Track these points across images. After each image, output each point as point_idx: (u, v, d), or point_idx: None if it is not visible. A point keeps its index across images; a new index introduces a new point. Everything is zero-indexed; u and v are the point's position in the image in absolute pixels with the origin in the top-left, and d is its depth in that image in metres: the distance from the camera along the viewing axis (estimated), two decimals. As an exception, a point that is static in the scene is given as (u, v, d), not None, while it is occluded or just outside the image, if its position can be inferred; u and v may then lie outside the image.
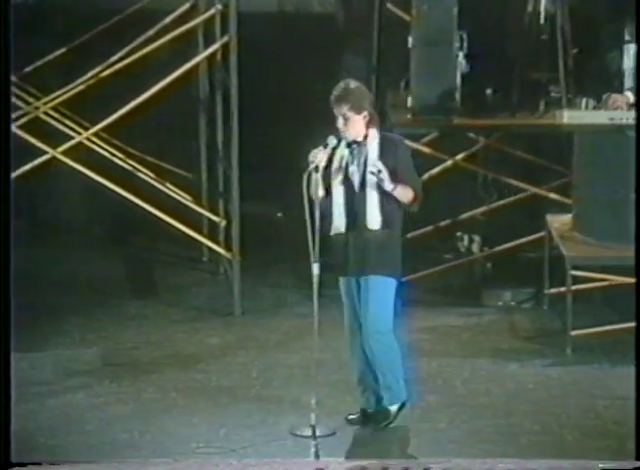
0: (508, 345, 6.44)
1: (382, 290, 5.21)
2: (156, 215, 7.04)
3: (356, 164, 5.24)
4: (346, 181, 5.23)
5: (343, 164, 5.25)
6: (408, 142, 5.57)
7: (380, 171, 5.12)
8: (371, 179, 5.17)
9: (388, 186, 5.13)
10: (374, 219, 5.20)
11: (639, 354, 4.82)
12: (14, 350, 4.43)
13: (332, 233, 5.25)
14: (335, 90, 5.25)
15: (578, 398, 5.68)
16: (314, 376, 5.21)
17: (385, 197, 5.17)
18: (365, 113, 5.21)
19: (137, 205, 7.02)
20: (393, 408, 5.32)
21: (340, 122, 5.20)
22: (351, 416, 5.33)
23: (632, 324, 6.34)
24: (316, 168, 5.20)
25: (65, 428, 5.27)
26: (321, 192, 5.21)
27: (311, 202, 5.17)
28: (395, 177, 5.15)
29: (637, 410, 4.73)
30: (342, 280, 5.30)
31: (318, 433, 5.16)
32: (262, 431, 5.24)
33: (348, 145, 5.27)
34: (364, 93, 5.26)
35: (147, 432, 5.24)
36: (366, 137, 5.25)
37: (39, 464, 4.73)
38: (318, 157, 5.21)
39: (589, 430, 5.31)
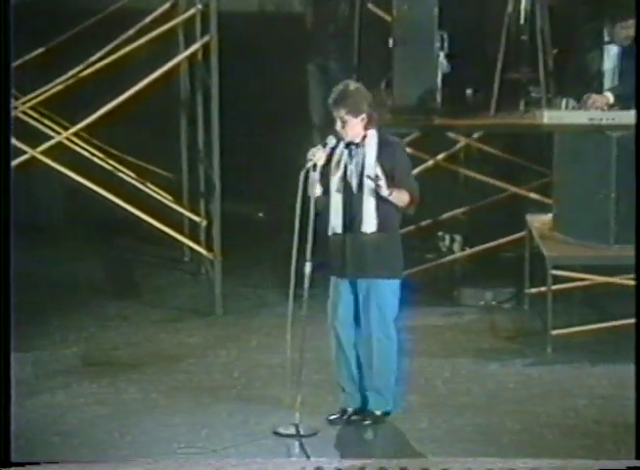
0: (489, 344, 6.45)
1: (387, 294, 5.24)
2: (136, 216, 7.03)
3: (354, 164, 5.25)
4: (344, 182, 5.24)
5: (342, 165, 5.26)
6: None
7: (377, 177, 5.12)
8: (368, 182, 5.18)
9: (385, 192, 5.14)
10: (370, 222, 5.22)
11: (639, 354, 4.83)
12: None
13: (329, 233, 5.27)
14: (333, 93, 5.26)
15: (559, 397, 5.70)
16: (298, 375, 5.21)
17: (381, 200, 5.19)
18: (363, 115, 5.21)
19: (118, 205, 7.00)
20: (378, 413, 5.32)
21: (338, 125, 5.21)
22: (332, 416, 5.33)
23: (612, 323, 6.41)
24: (314, 167, 5.20)
25: (44, 428, 5.25)
26: (318, 191, 5.22)
27: (305, 200, 5.18)
28: (392, 180, 5.17)
29: (637, 410, 4.74)
30: (333, 279, 5.31)
31: (301, 432, 5.16)
32: (244, 431, 5.23)
33: (347, 145, 5.28)
34: (363, 95, 5.25)
35: (128, 432, 5.23)
36: (364, 138, 5.25)
37: (37, 464, 4.73)
38: (317, 155, 5.21)
39: (569, 429, 5.33)
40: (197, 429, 5.25)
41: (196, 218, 7.45)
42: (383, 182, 5.12)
